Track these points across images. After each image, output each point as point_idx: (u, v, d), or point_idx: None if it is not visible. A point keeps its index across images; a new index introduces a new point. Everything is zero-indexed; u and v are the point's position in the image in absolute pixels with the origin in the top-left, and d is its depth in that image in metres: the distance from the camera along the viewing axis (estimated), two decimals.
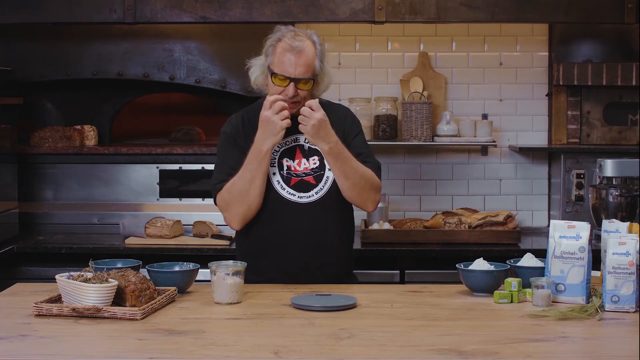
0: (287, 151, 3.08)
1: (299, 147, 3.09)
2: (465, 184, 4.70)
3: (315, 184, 3.06)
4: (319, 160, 3.07)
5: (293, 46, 2.96)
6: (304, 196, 3.05)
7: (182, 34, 4.58)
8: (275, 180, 3.05)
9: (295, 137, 3.09)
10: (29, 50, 4.60)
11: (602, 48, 4.59)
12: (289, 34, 3.00)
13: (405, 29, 4.67)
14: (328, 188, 3.06)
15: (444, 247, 4.11)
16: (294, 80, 2.96)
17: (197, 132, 5.06)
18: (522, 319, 2.55)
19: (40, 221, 4.58)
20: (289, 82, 2.96)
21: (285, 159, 3.07)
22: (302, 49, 2.96)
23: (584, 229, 2.72)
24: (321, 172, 3.07)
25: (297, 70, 2.96)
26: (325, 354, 2.20)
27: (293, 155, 3.08)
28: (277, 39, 3.00)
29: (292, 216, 3.03)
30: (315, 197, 3.05)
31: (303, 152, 3.09)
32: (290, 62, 2.96)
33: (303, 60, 2.96)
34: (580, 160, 4.46)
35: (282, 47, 2.97)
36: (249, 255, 3.08)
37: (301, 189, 3.05)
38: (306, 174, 3.06)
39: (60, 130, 4.56)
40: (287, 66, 2.96)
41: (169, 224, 4.22)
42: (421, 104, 4.49)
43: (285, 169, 3.06)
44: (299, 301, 2.67)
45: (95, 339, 2.35)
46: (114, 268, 2.76)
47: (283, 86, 2.98)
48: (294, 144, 3.09)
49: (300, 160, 3.07)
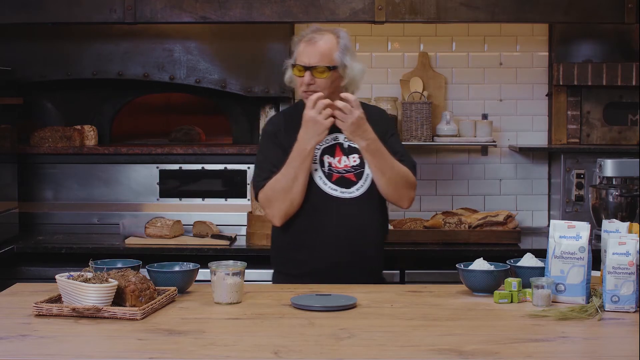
0: (327, 149, 3.17)
1: (339, 145, 3.19)
2: (465, 184, 4.70)
3: (355, 181, 3.15)
4: (359, 158, 3.17)
5: (309, 38, 3.12)
6: (345, 192, 3.14)
7: (182, 34, 4.58)
8: (317, 176, 3.14)
9: (334, 135, 3.18)
10: (29, 50, 4.60)
11: (602, 48, 4.59)
12: (311, 30, 3.16)
13: (405, 29, 4.67)
14: (368, 185, 3.16)
15: (444, 247, 4.11)
16: (309, 68, 3.09)
17: (197, 132, 5.06)
18: (522, 319, 2.55)
19: (40, 221, 4.57)
20: (305, 71, 3.10)
21: (326, 156, 3.16)
22: (319, 40, 3.11)
23: (584, 229, 2.72)
24: (361, 170, 3.17)
25: (311, 60, 3.10)
26: (325, 354, 2.20)
27: (333, 152, 3.17)
28: (301, 37, 3.17)
29: (334, 210, 3.12)
30: (357, 193, 3.15)
31: (343, 150, 3.19)
32: (306, 52, 3.11)
33: (318, 50, 3.10)
34: (580, 160, 4.46)
35: (303, 41, 3.14)
36: (288, 248, 3.18)
37: (343, 185, 3.14)
38: (347, 170, 3.16)
39: (60, 130, 4.56)
40: (303, 56, 3.12)
41: (169, 224, 4.22)
42: (421, 104, 4.49)
43: (327, 165, 3.15)
44: (299, 301, 2.67)
45: (95, 339, 2.35)
46: (114, 268, 2.76)
47: (301, 76, 3.12)
48: (333, 142, 3.19)
49: (341, 158, 3.17)
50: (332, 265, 3.11)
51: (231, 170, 4.55)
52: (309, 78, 3.10)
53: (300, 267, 3.14)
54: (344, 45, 3.14)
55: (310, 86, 3.10)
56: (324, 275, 3.06)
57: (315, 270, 3.11)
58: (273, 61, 4.56)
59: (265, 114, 4.72)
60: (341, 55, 3.13)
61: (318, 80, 3.10)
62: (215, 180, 4.57)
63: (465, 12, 4.18)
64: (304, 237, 3.14)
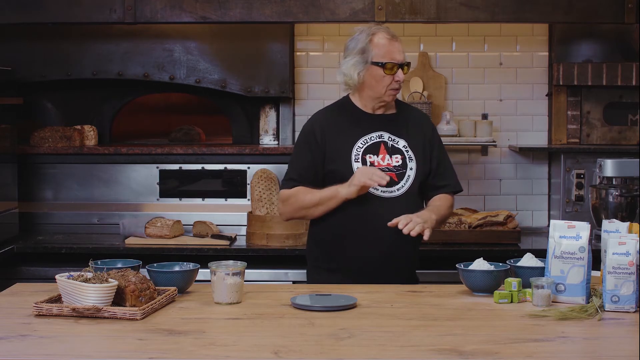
0: (371, 147, 3.19)
1: (384, 144, 3.21)
2: (465, 184, 4.69)
3: (397, 181, 3.17)
4: (402, 160, 3.20)
5: (391, 35, 3.17)
6: (386, 191, 3.15)
7: (182, 34, 4.58)
8: None
9: (379, 133, 3.22)
10: (29, 50, 4.60)
11: (602, 48, 4.59)
12: (378, 28, 3.19)
13: (405, 29, 4.67)
14: (409, 186, 3.18)
15: (444, 247, 4.11)
16: (402, 65, 3.16)
17: (197, 132, 5.06)
18: (522, 319, 2.55)
19: (40, 221, 4.58)
20: (398, 68, 3.15)
21: (368, 155, 3.18)
22: (397, 36, 3.19)
23: (584, 229, 2.72)
24: (403, 171, 3.19)
25: (402, 56, 3.18)
26: (325, 354, 2.20)
27: (377, 151, 3.19)
28: (371, 34, 3.17)
29: (375, 208, 3.13)
30: (397, 193, 3.17)
31: (387, 149, 3.21)
32: (395, 49, 3.16)
33: (402, 46, 3.19)
34: (580, 160, 4.47)
35: (381, 38, 3.16)
36: (326, 243, 3.19)
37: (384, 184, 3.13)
38: (389, 169, 3.18)
39: (60, 130, 4.56)
40: (394, 54, 3.15)
41: (169, 224, 4.22)
42: (421, 104, 4.49)
43: (369, 164, 3.17)
44: (299, 301, 2.67)
45: (95, 339, 2.35)
46: (114, 268, 2.76)
47: (393, 73, 3.15)
48: (378, 139, 3.21)
49: (384, 156, 3.19)
50: (368, 262, 3.13)
51: (231, 170, 4.55)
52: (402, 74, 3.17)
53: (337, 262, 3.16)
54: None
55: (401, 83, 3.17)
56: (360, 272, 3.10)
57: (352, 266, 3.13)
58: (273, 61, 4.57)
59: (265, 114, 4.72)
60: None
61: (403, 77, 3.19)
62: (215, 180, 4.57)
63: (465, 12, 4.18)
64: (343, 233, 3.15)
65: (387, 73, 3.15)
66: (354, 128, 3.22)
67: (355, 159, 3.16)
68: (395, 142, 3.22)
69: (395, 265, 3.16)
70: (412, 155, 3.22)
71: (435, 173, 3.27)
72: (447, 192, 3.30)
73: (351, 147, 3.18)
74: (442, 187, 3.29)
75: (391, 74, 3.16)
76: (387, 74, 3.16)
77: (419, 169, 3.21)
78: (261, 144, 4.70)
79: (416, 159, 3.22)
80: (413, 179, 3.19)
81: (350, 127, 3.22)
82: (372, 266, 3.12)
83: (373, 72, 3.16)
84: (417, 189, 3.21)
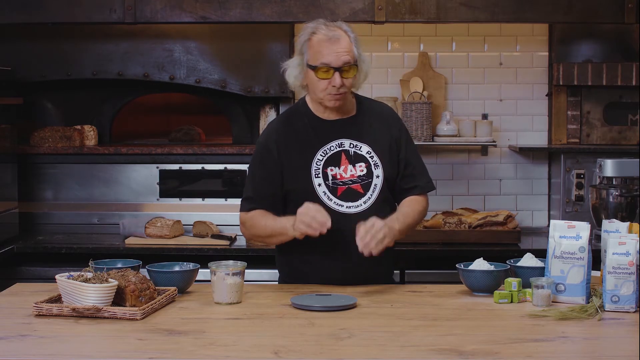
0: (331, 158, 2.99)
1: (344, 153, 3.01)
2: (465, 184, 4.70)
3: (363, 193, 2.99)
4: (366, 167, 3.01)
5: (329, 36, 2.89)
6: (352, 206, 2.98)
7: (182, 34, 4.58)
8: (321, 191, 2.98)
9: (339, 141, 3.01)
10: (29, 50, 4.60)
11: (602, 48, 4.59)
12: (321, 26, 2.93)
13: (405, 29, 4.67)
14: (376, 196, 3.00)
15: (444, 247, 4.11)
16: (338, 69, 2.89)
17: (197, 132, 5.06)
18: (522, 319, 2.55)
19: (40, 221, 4.58)
20: (334, 72, 2.89)
21: (329, 168, 2.99)
22: (340, 36, 2.89)
23: (584, 229, 2.72)
24: (369, 180, 3.00)
25: (340, 58, 2.88)
26: (325, 354, 2.20)
27: (338, 161, 3.00)
28: (310, 33, 2.93)
29: (341, 225, 2.90)
30: (364, 206, 2.98)
31: (349, 158, 3.00)
32: (330, 51, 2.88)
33: (343, 47, 2.89)
34: (580, 160, 4.47)
35: (318, 39, 2.90)
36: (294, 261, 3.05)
37: (349, 199, 2.98)
38: (353, 181, 2.99)
39: (60, 130, 4.56)
40: (328, 56, 2.88)
41: (169, 224, 4.22)
42: (421, 104, 4.49)
43: (331, 178, 2.98)
44: (299, 301, 2.67)
45: (95, 339, 2.35)
46: (114, 268, 2.76)
47: (328, 78, 2.90)
48: (338, 149, 3.01)
49: (347, 167, 3.00)
50: (337, 279, 2.96)
51: (231, 170, 4.55)
52: (340, 80, 2.88)
53: (307, 279, 3.01)
54: (356, 38, 2.95)
55: (340, 88, 2.90)
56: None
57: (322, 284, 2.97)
58: (273, 61, 4.56)
59: (265, 114, 4.72)
60: (357, 50, 2.94)
61: (346, 81, 2.91)
62: (215, 180, 4.57)
63: (465, 12, 4.18)
64: (310, 253, 2.98)
65: (320, 77, 2.90)
66: (311, 138, 3.01)
67: (316, 174, 2.97)
68: (357, 148, 3.00)
69: (365, 279, 2.98)
70: (378, 160, 3.01)
71: (403, 175, 3.06)
72: (417, 194, 3.08)
73: (310, 161, 2.98)
74: (410, 189, 3.07)
75: (325, 78, 2.89)
76: (320, 78, 2.90)
77: (387, 174, 3.02)
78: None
79: (382, 164, 3.02)
80: (380, 187, 3.00)
81: (308, 138, 3.01)
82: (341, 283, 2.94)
83: (309, 75, 2.93)
84: (385, 196, 3.02)
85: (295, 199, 2.97)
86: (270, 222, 2.97)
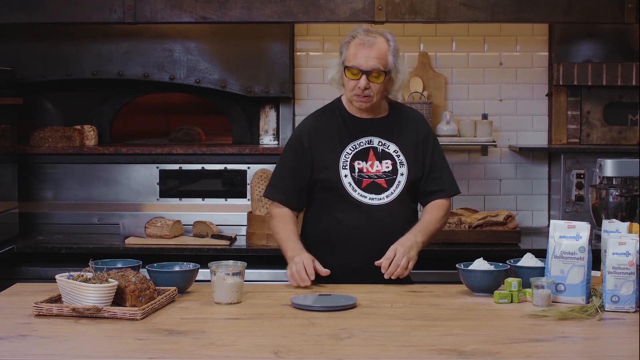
0: (359, 153, 3.14)
1: (373, 150, 3.15)
2: (465, 184, 4.70)
3: (386, 188, 3.13)
4: (392, 165, 3.15)
5: (365, 40, 3.05)
6: (375, 198, 3.11)
7: (182, 34, 4.58)
8: (347, 182, 3.11)
9: (369, 138, 3.16)
10: (29, 50, 4.60)
11: (602, 48, 4.59)
12: (363, 30, 3.09)
13: (405, 29, 4.67)
14: (399, 192, 3.13)
15: (444, 247, 4.11)
16: (366, 72, 3.04)
17: (197, 132, 5.06)
18: (522, 319, 2.55)
19: (40, 221, 4.58)
20: (361, 75, 3.04)
21: (357, 162, 3.13)
22: (374, 42, 3.05)
23: (584, 229, 2.72)
24: (393, 177, 3.14)
25: (368, 63, 3.03)
26: (325, 354, 2.20)
27: (366, 157, 3.14)
28: (351, 37, 3.09)
29: (363, 217, 3.09)
30: (386, 200, 3.12)
31: (376, 155, 3.15)
32: (363, 55, 3.04)
33: (375, 53, 3.04)
34: (580, 160, 4.47)
35: (355, 42, 3.06)
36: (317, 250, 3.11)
37: (373, 191, 3.11)
38: (378, 176, 3.13)
39: (60, 130, 4.56)
40: (359, 59, 3.04)
41: (169, 224, 4.22)
42: (421, 104, 4.49)
43: (357, 171, 3.12)
44: (299, 301, 2.67)
45: (95, 339, 2.35)
46: (114, 268, 2.76)
47: (356, 79, 3.06)
48: (367, 145, 3.15)
49: (373, 163, 3.14)
50: (360, 270, 3.05)
51: (231, 170, 4.55)
52: (365, 82, 3.04)
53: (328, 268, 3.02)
54: (395, 49, 3.10)
55: (365, 90, 3.06)
56: (351, 279, 3.01)
57: (343, 273, 3.04)
58: (273, 61, 4.57)
59: (265, 114, 4.72)
60: (394, 59, 3.08)
61: (373, 85, 3.06)
62: (215, 180, 4.57)
63: (465, 12, 4.18)
64: (333, 242, 3.11)
65: (349, 77, 3.07)
66: (342, 134, 3.16)
67: (344, 166, 3.12)
68: (385, 146, 3.16)
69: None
70: (404, 159, 3.16)
71: (428, 177, 3.20)
72: (441, 197, 3.21)
73: (339, 154, 3.13)
74: (435, 192, 3.21)
75: (354, 79, 3.06)
76: (349, 79, 3.07)
77: (411, 174, 3.15)
78: (261, 144, 4.70)
79: (408, 163, 3.16)
80: (404, 185, 3.13)
81: (339, 133, 3.17)
82: (361, 275, 3.03)
83: (344, 74, 3.10)
84: (408, 194, 3.16)
85: (322, 188, 3.15)
86: (282, 235, 3.14)
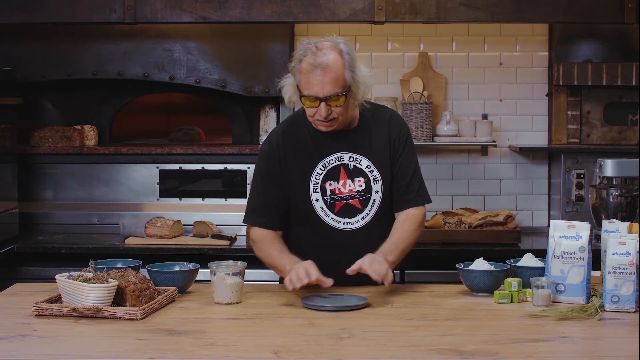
0: (330, 172, 2.95)
1: (344, 167, 2.96)
2: (465, 184, 4.70)
3: (361, 209, 2.96)
4: (365, 183, 2.95)
5: (316, 64, 2.77)
6: (349, 222, 2.95)
7: (182, 34, 4.58)
8: (318, 207, 2.95)
9: (339, 155, 2.96)
10: (29, 50, 4.60)
11: (602, 48, 4.59)
12: (311, 50, 2.80)
13: (405, 29, 4.67)
14: (374, 212, 2.96)
15: (444, 247, 4.11)
16: (324, 99, 2.79)
17: (197, 132, 5.06)
18: (522, 319, 2.55)
19: (40, 221, 4.58)
20: (319, 103, 2.80)
21: (328, 183, 2.95)
22: (327, 64, 2.77)
23: (584, 229, 2.72)
24: (367, 196, 2.96)
25: (324, 90, 2.78)
26: (325, 354, 2.20)
27: (337, 176, 2.95)
28: (300, 58, 2.81)
29: (337, 243, 2.94)
30: (361, 222, 2.96)
31: (348, 173, 2.95)
32: (316, 82, 2.77)
33: (329, 77, 2.77)
34: (580, 160, 4.47)
35: (306, 65, 2.78)
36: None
37: (346, 214, 2.95)
38: (351, 196, 2.95)
39: (60, 130, 4.56)
40: (314, 87, 2.78)
41: (169, 224, 4.22)
42: (421, 104, 4.49)
43: (329, 193, 2.94)
44: (310, 301, 2.66)
45: (95, 339, 2.35)
46: (114, 268, 2.76)
47: (315, 107, 2.81)
48: (337, 162, 2.96)
49: (345, 182, 2.95)
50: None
51: (231, 170, 4.55)
52: (326, 110, 2.80)
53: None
54: (351, 60, 2.83)
55: (328, 116, 2.82)
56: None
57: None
58: (273, 61, 4.57)
59: (265, 114, 4.72)
60: (350, 73, 2.82)
61: (335, 109, 2.82)
62: (215, 180, 4.57)
63: (465, 12, 4.18)
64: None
65: (307, 105, 2.83)
66: (311, 151, 2.95)
67: (314, 189, 2.93)
68: (357, 161, 2.95)
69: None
70: (378, 174, 2.96)
71: (395, 184, 2.98)
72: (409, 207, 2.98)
73: (309, 175, 2.94)
74: (402, 201, 2.98)
75: (313, 107, 2.81)
76: (307, 106, 2.83)
77: (386, 190, 2.96)
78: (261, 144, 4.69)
79: (382, 178, 2.96)
80: (379, 203, 2.96)
81: (307, 151, 2.95)
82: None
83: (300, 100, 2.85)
84: (384, 212, 2.97)
85: (294, 212, 2.99)
86: (275, 255, 2.93)
